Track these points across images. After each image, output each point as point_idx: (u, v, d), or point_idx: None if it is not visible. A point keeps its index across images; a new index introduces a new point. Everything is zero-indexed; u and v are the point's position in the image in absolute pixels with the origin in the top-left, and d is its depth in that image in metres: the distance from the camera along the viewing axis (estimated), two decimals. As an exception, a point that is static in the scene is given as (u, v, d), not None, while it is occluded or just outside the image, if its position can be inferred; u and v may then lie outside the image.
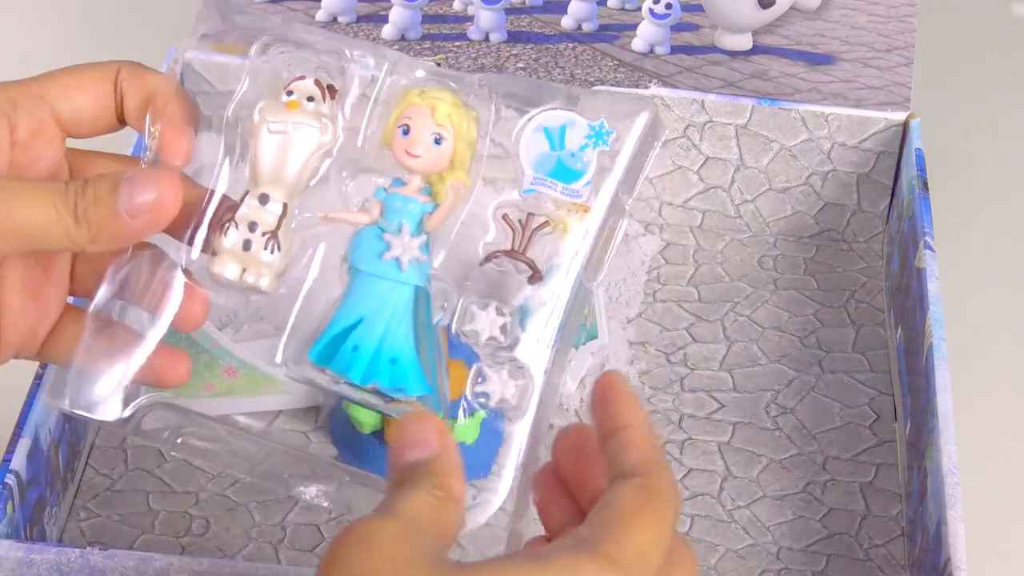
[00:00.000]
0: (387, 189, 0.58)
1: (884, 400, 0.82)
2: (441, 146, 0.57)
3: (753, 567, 0.73)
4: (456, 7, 0.91)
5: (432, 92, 0.58)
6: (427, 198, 0.58)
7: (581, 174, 0.58)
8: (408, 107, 0.57)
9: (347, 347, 0.59)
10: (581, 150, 0.57)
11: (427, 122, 0.57)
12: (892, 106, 0.89)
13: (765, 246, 0.91)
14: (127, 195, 0.55)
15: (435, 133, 0.57)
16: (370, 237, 0.58)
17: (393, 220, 0.58)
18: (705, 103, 0.89)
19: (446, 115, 0.57)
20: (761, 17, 0.90)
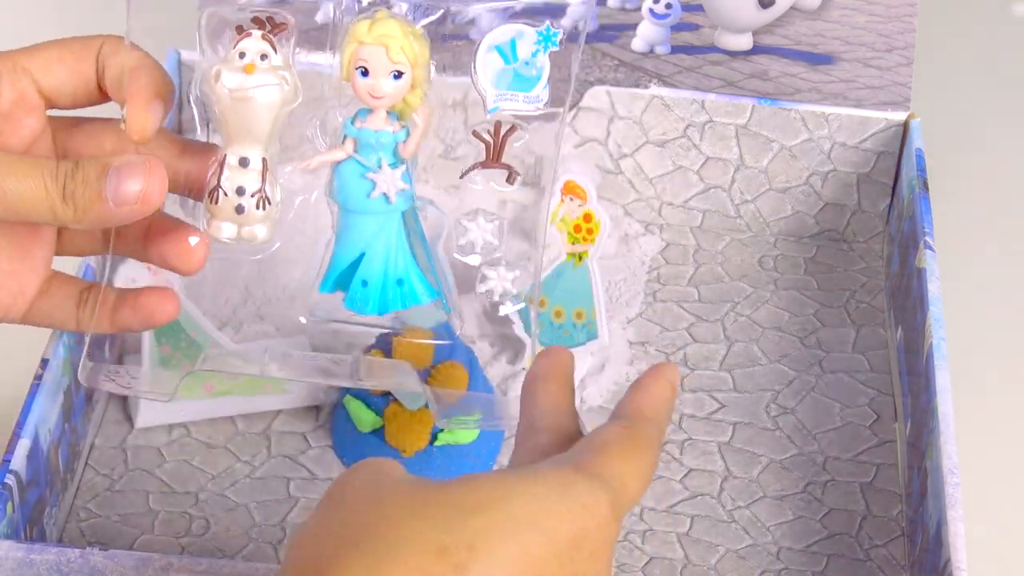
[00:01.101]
0: (355, 122, 0.60)
1: (884, 400, 0.82)
2: (401, 80, 0.59)
3: (753, 567, 0.73)
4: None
5: (380, 27, 0.59)
6: (396, 124, 0.60)
7: (537, 79, 0.61)
8: (360, 47, 0.59)
9: (356, 284, 0.63)
10: (533, 56, 0.60)
11: (383, 61, 0.59)
12: (892, 106, 0.89)
13: (765, 246, 0.91)
14: (114, 184, 0.56)
15: (393, 71, 0.59)
16: (353, 176, 0.61)
17: (370, 155, 0.60)
18: (705, 103, 0.89)
19: (399, 49, 0.59)
20: (761, 17, 0.90)
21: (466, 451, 0.76)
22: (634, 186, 0.91)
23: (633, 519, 0.75)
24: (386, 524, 0.46)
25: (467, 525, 0.46)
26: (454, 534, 0.46)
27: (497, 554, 0.46)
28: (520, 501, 0.47)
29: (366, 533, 0.46)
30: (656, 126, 0.90)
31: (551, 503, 0.47)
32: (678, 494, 0.77)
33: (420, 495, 0.48)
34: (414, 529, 0.46)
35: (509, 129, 0.61)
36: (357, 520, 0.47)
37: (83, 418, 0.75)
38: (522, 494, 0.47)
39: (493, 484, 0.48)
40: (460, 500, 0.47)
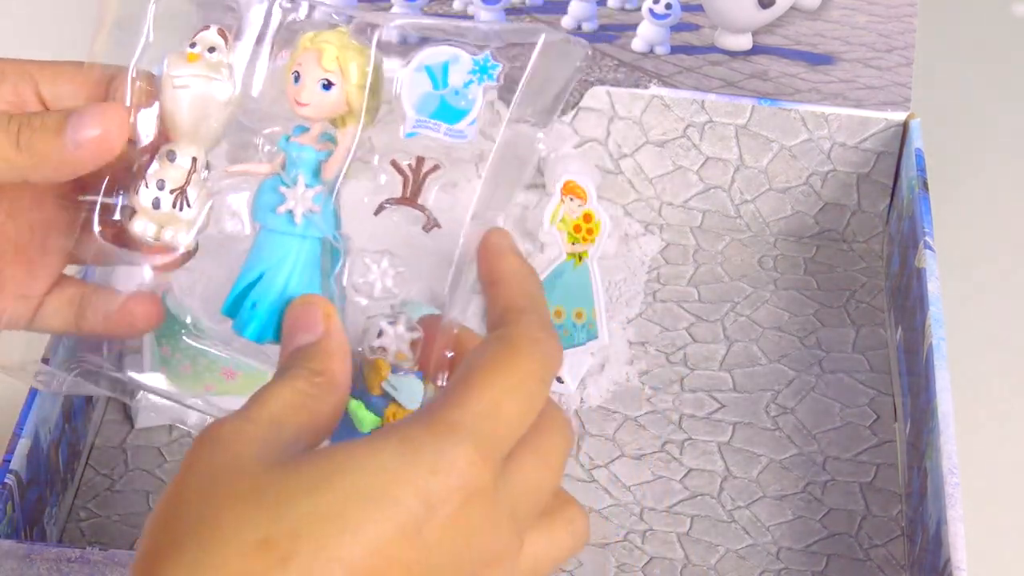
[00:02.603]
0: (290, 138, 0.56)
1: (884, 400, 0.82)
2: (330, 92, 0.55)
3: (753, 567, 0.73)
4: (456, 7, 0.91)
5: (321, 35, 0.55)
6: (324, 145, 0.55)
7: (465, 112, 0.55)
8: (300, 53, 0.55)
9: (247, 304, 0.56)
10: (465, 87, 0.55)
11: (314, 68, 0.54)
12: (892, 106, 0.89)
13: (765, 246, 0.91)
14: (74, 127, 0.55)
15: (322, 79, 0.54)
16: (268, 190, 0.56)
17: (291, 171, 0.56)
18: (705, 103, 0.89)
19: (333, 59, 0.54)
20: (761, 17, 0.90)
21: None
22: (634, 186, 0.91)
23: (633, 519, 0.75)
24: (211, 516, 0.43)
25: (293, 511, 0.42)
26: (279, 523, 0.42)
27: (326, 541, 0.42)
28: (355, 476, 0.43)
29: (191, 528, 0.43)
30: (656, 126, 0.90)
31: (391, 474, 0.43)
32: (678, 494, 0.77)
33: (253, 478, 0.44)
34: (237, 521, 0.42)
35: (431, 168, 0.55)
36: (187, 511, 0.44)
37: (83, 418, 0.75)
38: (357, 468, 0.43)
39: (329, 458, 0.44)
40: (291, 481, 0.43)
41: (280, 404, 0.47)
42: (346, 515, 0.42)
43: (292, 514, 0.42)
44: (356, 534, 0.42)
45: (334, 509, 0.42)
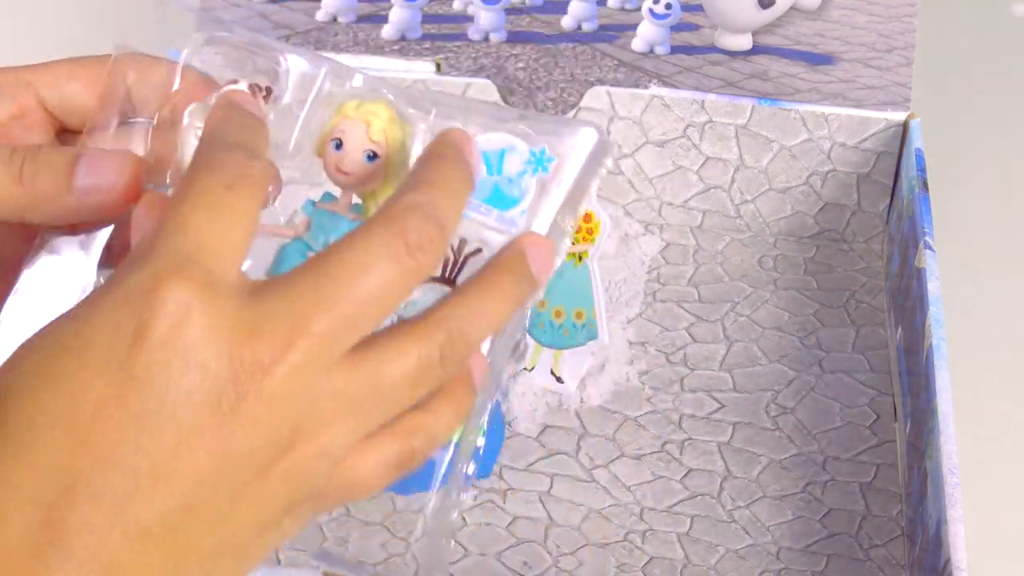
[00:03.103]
0: (316, 203, 0.54)
1: (884, 400, 0.82)
2: (374, 163, 0.53)
3: (753, 567, 0.73)
4: (456, 7, 0.91)
5: (368, 106, 0.54)
6: (357, 216, 0.54)
7: (517, 201, 0.54)
8: (342, 120, 0.54)
9: None
10: (519, 176, 0.54)
11: (361, 138, 0.53)
12: (892, 106, 0.89)
13: (765, 246, 0.91)
14: (84, 171, 0.51)
15: (368, 150, 0.53)
16: (295, 255, 0.54)
17: (320, 238, 0.54)
18: (705, 103, 0.89)
19: (381, 131, 0.54)
20: (761, 17, 0.90)
21: (466, 451, 0.76)
22: (634, 186, 0.91)
23: (633, 519, 0.75)
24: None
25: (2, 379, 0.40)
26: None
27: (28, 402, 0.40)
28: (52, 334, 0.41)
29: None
30: (656, 126, 0.90)
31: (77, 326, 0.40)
32: (678, 494, 0.77)
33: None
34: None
35: (473, 251, 0.53)
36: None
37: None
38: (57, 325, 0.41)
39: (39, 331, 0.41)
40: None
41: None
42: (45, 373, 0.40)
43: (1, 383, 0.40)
44: (57, 391, 0.40)
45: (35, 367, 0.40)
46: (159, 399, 0.40)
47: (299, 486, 0.43)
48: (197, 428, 0.40)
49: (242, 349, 0.40)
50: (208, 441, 0.40)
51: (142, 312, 0.40)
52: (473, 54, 0.91)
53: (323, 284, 0.42)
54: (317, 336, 0.41)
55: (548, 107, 0.90)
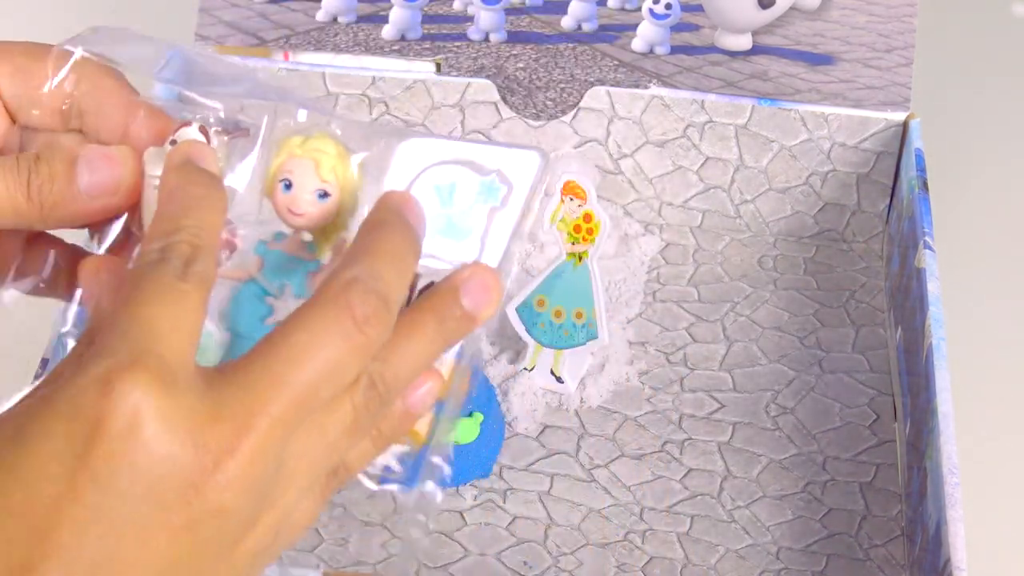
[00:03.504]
0: (268, 243, 0.53)
1: (884, 400, 0.82)
2: (326, 201, 0.52)
3: (753, 567, 0.73)
4: (456, 7, 0.91)
5: (314, 142, 0.52)
6: (311, 255, 0.53)
7: (470, 232, 0.53)
8: (289, 159, 0.52)
9: None
10: (471, 207, 0.53)
11: (311, 177, 0.51)
12: (892, 106, 0.89)
13: (765, 246, 0.91)
14: (85, 172, 0.50)
15: (319, 189, 0.51)
16: (250, 298, 0.53)
17: (274, 280, 0.53)
18: (705, 103, 0.89)
19: (331, 169, 0.52)
20: (761, 17, 0.90)
21: (466, 451, 0.76)
22: (634, 186, 0.91)
23: (633, 519, 0.75)
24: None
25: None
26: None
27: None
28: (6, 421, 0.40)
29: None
30: (656, 126, 0.90)
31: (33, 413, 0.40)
32: (678, 494, 0.77)
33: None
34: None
35: (426, 285, 0.52)
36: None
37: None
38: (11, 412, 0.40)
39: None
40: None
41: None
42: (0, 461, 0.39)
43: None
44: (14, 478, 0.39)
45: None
46: (120, 493, 0.39)
47: (263, 551, 0.43)
48: (163, 520, 0.40)
49: (206, 436, 0.40)
50: (176, 530, 0.40)
51: (100, 406, 0.39)
52: (473, 54, 0.91)
53: (276, 368, 0.42)
54: (275, 418, 0.42)
55: (548, 107, 0.90)
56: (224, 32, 0.91)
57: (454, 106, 0.90)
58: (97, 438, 0.39)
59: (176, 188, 0.46)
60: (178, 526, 0.40)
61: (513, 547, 0.74)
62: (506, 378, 0.81)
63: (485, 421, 0.76)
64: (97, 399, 0.39)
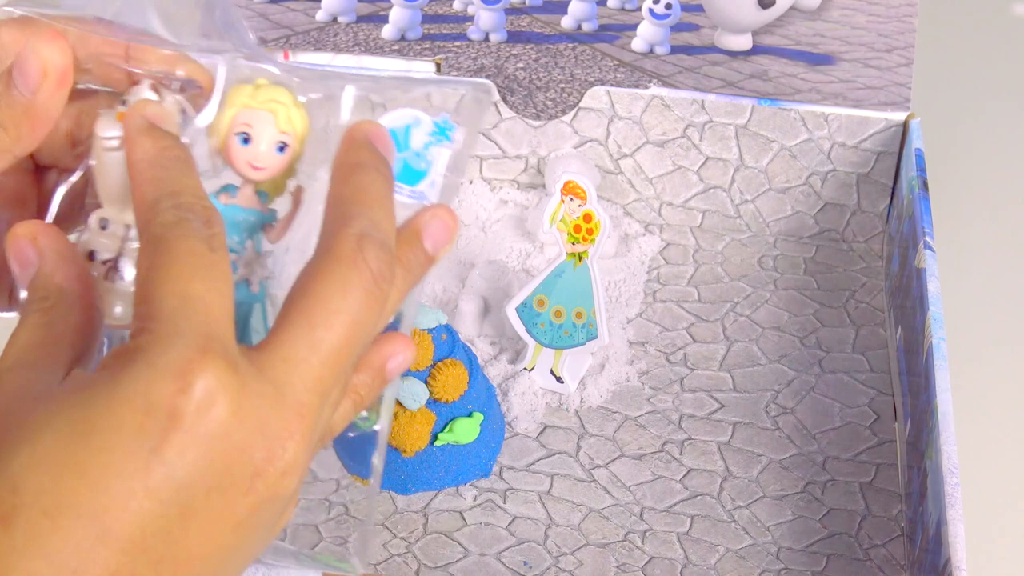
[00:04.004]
0: (219, 198, 0.51)
1: (884, 400, 0.82)
2: (285, 153, 0.51)
3: (753, 567, 0.73)
4: (456, 7, 0.91)
5: (268, 92, 0.51)
6: (265, 207, 0.52)
7: (425, 174, 0.53)
8: (243, 110, 0.51)
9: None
10: (425, 148, 0.53)
11: (270, 129, 0.51)
12: (892, 106, 0.89)
13: (765, 246, 0.91)
14: (18, 76, 0.48)
15: (279, 141, 0.51)
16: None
17: (233, 235, 0.51)
18: (705, 103, 0.89)
19: (287, 119, 0.51)
20: (761, 17, 0.90)
21: (466, 451, 0.76)
22: (634, 186, 0.91)
23: (633, 519, 0.75)
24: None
25: (13, 462, 0.38)
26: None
27: (49, 488, 0.38)
28: (70, 412, 0.39)
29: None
30: (656, 126, 0.90)
31: (104, 401, 0.39)
32: (678, 494, 0.77)
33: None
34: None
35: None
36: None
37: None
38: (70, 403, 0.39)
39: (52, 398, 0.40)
40: (12, 431, 0.39)
41: (19, 348, 0.42)
42: (66, 457, 0.38)
43: (11, 466, 0.38)
44: (81, 475, 0.38)
45: (54, 452, 0.38)
46: (192, 487, 0.39)
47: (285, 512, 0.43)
48: (228, 511, 0.40)
49: (272, 423, 0.40)
50: (239, 520, 0.40)
51: (176, 399, 0.39)
52: (473, 54, 0.91)
53: (316, 337, 0.42)
54: (323, 392, 0.42)
55: (548, 107, 0.90)
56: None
57: (454, 106, 0.90)
58: (173, 431, 0.39)
59: (157, 152, 0.46)
60: (241, 516, 0.40)
61: (513, 547, 0.74)
62: (506, 378, 0.81)
63: (485, 421, 0.76)
64: (173, 392, 0.39)
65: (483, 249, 0.89)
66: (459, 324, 0.83)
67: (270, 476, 0.40)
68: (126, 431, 0.38)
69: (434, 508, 0.75)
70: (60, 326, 0.43)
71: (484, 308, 0.84)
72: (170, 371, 0.39)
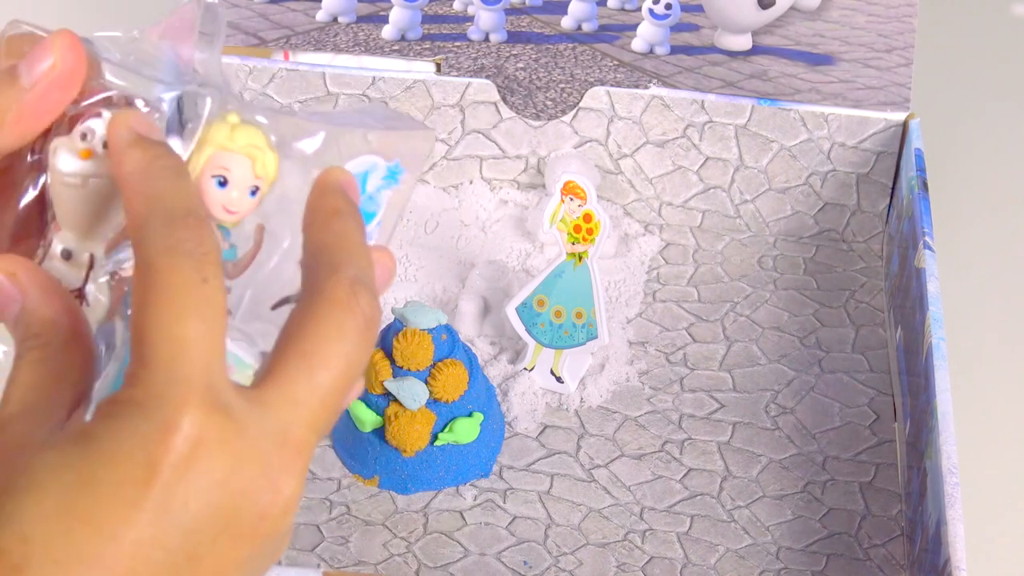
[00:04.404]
0: None
1: (884, 400, 0.82)
2: (256, 197, 0.50)
3: (753, 567, 0.73)
4: (456, 7, 0.91)
5: (245, 136, 0.50)
6: (226, 243, 0.51)
7: (374, 216, 0.54)
8: (221, 152, 0.50)
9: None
10: (378, 192, 0.54)
11: (247, 175, 0.50)
12: (892, 106, 0.89)
13: (765, 246, 0.91)
14: (26, 71, 0.47)
15: (253, 186, 0.50)
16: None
17: None
18: (705, 103, 0.89)
19: (263, 164, 0.50)
20: (761, 17, 0.90)
21: (466, 451, 0.76)
22: (634, 186, 0.91)
23: (633, 519, 0.75)
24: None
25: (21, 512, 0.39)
26: (7, 527, 0.38)
27: (59, 537, 0.38)
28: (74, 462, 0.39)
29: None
30: (656, 126, 0.90)
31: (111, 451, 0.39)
32: (678, 494, 0.77)
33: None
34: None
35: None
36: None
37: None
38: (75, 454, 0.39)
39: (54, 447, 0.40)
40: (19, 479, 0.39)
41: (21, 389, 0.43)
42: (74, 508, 0.39)
43: (20, 516, 0.39)
44: (89, 525, 0.39)
45: (61, 503, 0.39)
46: (198, 533, 0.40)
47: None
48: (235, 553, 0.41)
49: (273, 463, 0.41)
50: (244, 559, 0.41)
51: (172, 450, 0.39)
52: (473, 54, 0.91)
53: (316, 379, 0.43)
54: (321, 430, 0.43)
55: (548, 107, 0.90)
56: (224, 32, 0.91)
57: (454, 106, 0.90)
58: (175, 483, 0.39)
59: (148, 163, 0.45)
60: (246, 555, 0.41)
61: (513, 547, 0.74)
62: (506, 378, 0.81)
63: (485, 421, 0.76)
64: (171, 446, 0.39)
65: (483, 249, 0.89)
66: (459, 324, 0.83)
67: (274, 516, 0.41)
68: (129, 485, 0.39)
69: (434, 508, 0.75)
70: (58, 362, 0.43)
71: (484, 308, 0.84)
72: (167, 425, 0.39)
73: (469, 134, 0.91)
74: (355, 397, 0.47)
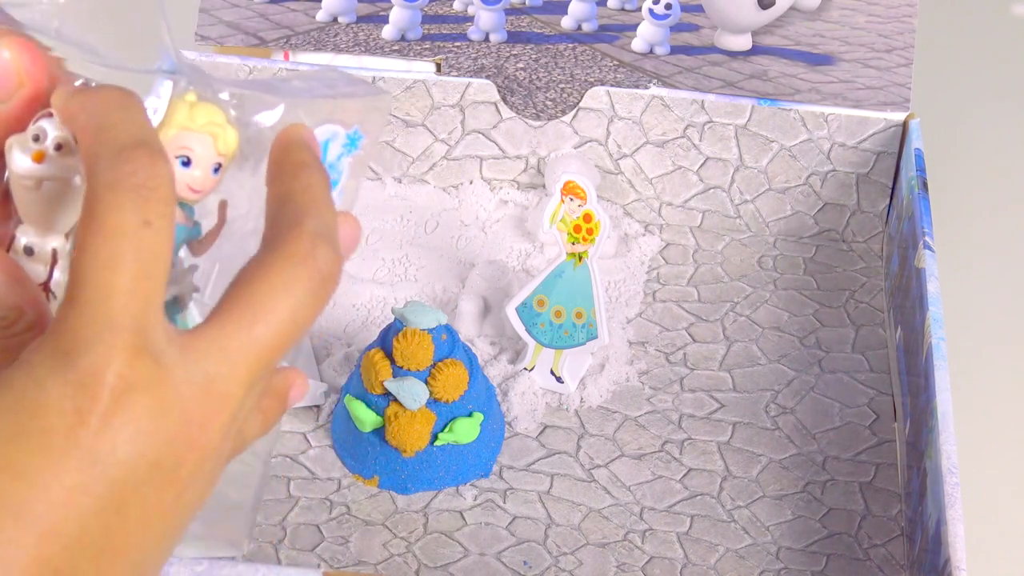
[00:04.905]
0: None
1: (884, 400, 0.82)
2: (218, 174, 0.51)
3: (753, 567, 0.73)
4: (456, 7, 0.91)
5: (205, 114, 0.51)
6: (190, 221, 0.51)
7: (336, 183, 0.54)
8: (183, 133, 0.50)
9: None
10: (338, 159, 0.54)
11: (210, 153, 0.50)
12: (892, 106, 0.89)
13: (765, 246, 0.91)
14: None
15: (215, 163, 0.50)
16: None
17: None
18: (705, 103, 0.89)
19: (224, 142, 0.51)
20: (761, 17, 0.90)
21: (466, 451, 0.76)
22: (634, 186, 0.91)
23: (633, 519, 0.75)
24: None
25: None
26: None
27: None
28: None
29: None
30: (656, 126, 0.90)
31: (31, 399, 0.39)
32: (678, 494, 0.77)
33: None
34: None
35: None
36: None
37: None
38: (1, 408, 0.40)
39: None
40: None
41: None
42: (2, 460, 0.39)
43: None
44: (18, 476, 0.39)
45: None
46: (124, 482, 0.40)
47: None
48: (160, 498, 0.41)
49: (193, 413, 0.41)
50: (168, 505, 0.41)
51: (98, 398, 0.39)
52: (473, 54, 0.91)
53: (254, 332, 0.42)
54: (251, 384, 0.42)
55: (548, 107, 0.90)
56: (224, 32, 0.91)
57: (454, 106, 0.90)
58: (101, 432, 0.39)
59: (94, 102, 0.44)
60: (169, 504, 0.41)
61: (513, 547, 0.74)
62: (506, 378, 0.81)
63: (485, 421, 0.76)
64: (98, 395, 0.39)
65: (483, 249, 0.89)
66: (459, 324, 0.83)
67: (192, 463, 0.41)
68: (57, 434, 0.39)
69: (434, 508, 0.75)
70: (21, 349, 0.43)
71: (484, 308, 0.84)
72: (93, 373, 0.39)
73: (469, 134, 0.91)
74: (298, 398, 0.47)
